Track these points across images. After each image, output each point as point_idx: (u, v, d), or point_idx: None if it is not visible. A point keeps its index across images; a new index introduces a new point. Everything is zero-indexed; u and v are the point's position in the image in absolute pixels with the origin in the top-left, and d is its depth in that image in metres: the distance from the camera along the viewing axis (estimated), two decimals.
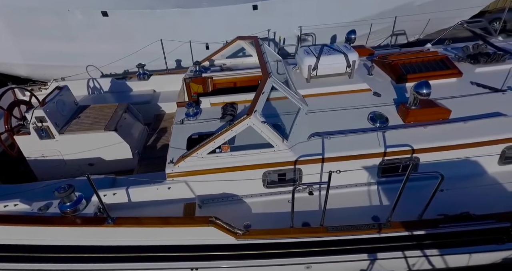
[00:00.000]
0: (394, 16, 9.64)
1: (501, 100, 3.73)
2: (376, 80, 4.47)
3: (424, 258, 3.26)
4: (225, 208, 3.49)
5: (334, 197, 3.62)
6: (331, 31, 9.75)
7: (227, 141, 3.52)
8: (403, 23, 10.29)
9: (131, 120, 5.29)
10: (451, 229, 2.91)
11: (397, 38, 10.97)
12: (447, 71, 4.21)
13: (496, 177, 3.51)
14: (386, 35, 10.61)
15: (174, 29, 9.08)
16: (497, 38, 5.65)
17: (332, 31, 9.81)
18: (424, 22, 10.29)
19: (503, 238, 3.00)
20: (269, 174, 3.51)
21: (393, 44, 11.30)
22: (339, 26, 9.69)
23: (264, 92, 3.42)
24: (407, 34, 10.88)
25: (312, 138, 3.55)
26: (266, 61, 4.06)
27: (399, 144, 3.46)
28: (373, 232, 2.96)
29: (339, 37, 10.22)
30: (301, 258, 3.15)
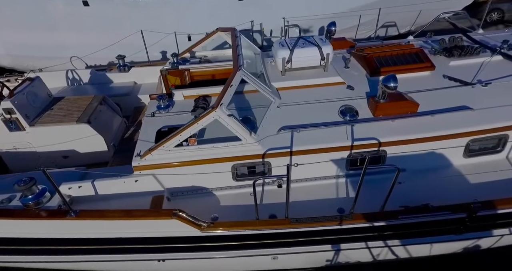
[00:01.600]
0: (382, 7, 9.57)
1: (469, 93, 3.76)
2: (352, 73, 4.46)
3: (387, 249, 3.34)
4: (194, 201, 3.51)
5: (303, 190, 3.67)
6: (318, 23, 9.66)
7: (197, 133, 3.53)
8: (393, 14, 10.21)
9: (108, 112, 5.24)
10: (410, 220, 2.98)
11: (388, 30, 10.91)
12: (420, 65, 4.22)
13: (460, 169, 3.58)
14: (376, 27, 10.54)
15: (158, 20, 8.91)
16: (478, 30, 5.65)
17: (319, 23, 9.72)
18: (415, 13, 10.21)
19: (460, 229, 3.09)
20: (238, 167, 3.53)
21: (383, 36, 11.27)
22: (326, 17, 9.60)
23: (233, 85, 3.40)
24: (397, 26, 10.80)
25: (281, 131, 3.56)
26: (239, 54, 4.02)
27: (366, 137, 3.49)
28: (335, 224, 3.02)
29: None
30: (267, 250, 3.22)
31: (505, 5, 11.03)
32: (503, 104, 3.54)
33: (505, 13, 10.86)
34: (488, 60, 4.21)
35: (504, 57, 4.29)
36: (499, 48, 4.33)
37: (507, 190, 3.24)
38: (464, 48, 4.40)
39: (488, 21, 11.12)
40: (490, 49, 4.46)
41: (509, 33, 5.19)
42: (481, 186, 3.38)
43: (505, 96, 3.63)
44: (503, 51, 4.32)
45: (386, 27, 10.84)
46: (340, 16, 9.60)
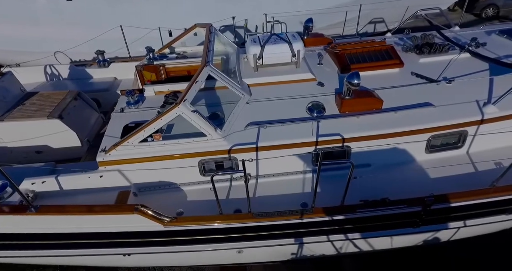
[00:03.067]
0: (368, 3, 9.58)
1: (434, 90, 3.84)
2: (324, 70, 4.51)
3: (349, 242, 3.44)
4: (161, 196, 3.56)
5: (270, 185, 3.74)
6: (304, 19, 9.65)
7: (164, 129, 3.56)
8: (381, 10, 10.24)
9: (83, 107, 5.21)
10: (368, 214, 3.07)
11: (376, 26, 10.94)
12: (389, 62, 4.28)
13: (423, 164, 3.67)
14: (364, 23, 10.56)
15: (142, 15, 8.84)
16: (454, 28, 5.72)
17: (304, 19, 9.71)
18: (403, 9, 10.25)
19: (417, 222, 3.19)
20: (206, 163, 3.58)
21: (372, 32, 11.30)
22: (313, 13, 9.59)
23: (198, 81, 3.42)
24: (386, 22, 10.84)
25: (248, 127, 3.61)
26: (209, 50, 4.03)
27: (331, 133, 3.56)
28: (296, 218, 3.09)
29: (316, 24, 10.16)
30: (231, 243, 3.28)
31: (500, 1, 11.00)
32: (463, 101, 3.63)
33: (500, 8, 10.89)
34: (455, 58, 4.29)
35: (471, 54, 4.38)
36: (467, 46, 4.41)
37: (465, 184, 3.34)
38: (433, 46, 4.47)
39: (483, 17, 11.14)
40: (460, 47, 4.54)
41: (482, 31, 5.28)
42: (440, 180, 3.48)
43: (467, 93, 3.72)
44: (470, 49, 4.40)
45: (374, 23, 10.88)
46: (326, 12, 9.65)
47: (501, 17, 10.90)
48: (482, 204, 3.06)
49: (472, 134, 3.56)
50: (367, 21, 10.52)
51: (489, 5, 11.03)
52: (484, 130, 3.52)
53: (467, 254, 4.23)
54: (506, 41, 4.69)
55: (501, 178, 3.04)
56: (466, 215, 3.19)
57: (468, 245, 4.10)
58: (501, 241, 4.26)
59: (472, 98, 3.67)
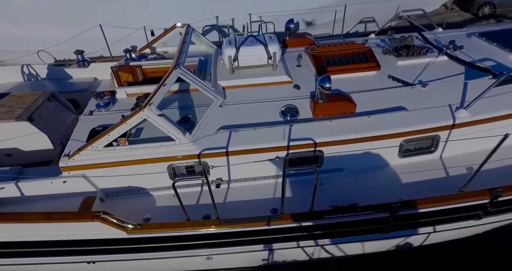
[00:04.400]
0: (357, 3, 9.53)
1: (408, 94, 3.80)
2: (302, 72, 4.45)
3: (320, 247, 3.40)
4: (129, 201, 3.47)
5: (241, 189, 3.68)
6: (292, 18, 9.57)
7: (132, 133, 3.47)
8: (372, 10, 10.20)
9: (57, 109, 5.07)
10: (335, 220, 3.03)
11: (367, 25, 10.91)
12: (366, 65, 4.23)
13: (396, 169, 3.64)
14: (354, 23, 10.52)
15: (126, 14, 8.69)
16: (437, 29, 5.70)
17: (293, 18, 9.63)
18: (393, 9, 10.23)
19: (386, 228, 3.16)
20: (176, 167, 3.50)
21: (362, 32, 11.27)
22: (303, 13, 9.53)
23: (166, 84, 3.33)
24: (376, 22, 10.82)
25: (220, 131, 3.54)
26: (182, 52, 3.94)
27: (304, 137, 3.51)
28: (263, 224, 3.04)
29: (301, 25, 10.10)
30: (198, 250, 3.22)
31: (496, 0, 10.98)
32: (436, 105, 3.60)
33: (496, 7, 10.84)
34: (432, 61, 4.26)
35: (449, 57, 4.36)
36: (445, 49, 4.39)
37: (437, 189, 3.32)
38: (411, 48, 4.44)
39: (480, 16, 11.12)
40: (438, 49, 4.52)
41: (464, 33, 5.26)
42: (413, 185, 3.46)
43: (441, 97, 3.69)
44: (448, 52, 4.38)
45: (365, 23, 10.84)
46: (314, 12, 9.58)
47: (498, 16, 10.90)
48: (450, 209, 3.04)
49: (445, 139, 3.55)
50: (357, 20, 10.49)
51: (486, 3, 10.97)
52: (456, 135, 3.50)
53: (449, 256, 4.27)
54: (484, 44, 4.68)
55: (469, 183, 3.03)
56: (435, 220, 3.18)
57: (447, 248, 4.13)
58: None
59: (445, 102, 3.64)
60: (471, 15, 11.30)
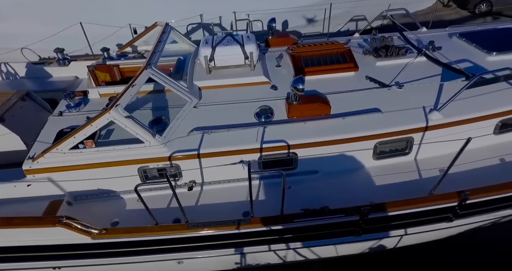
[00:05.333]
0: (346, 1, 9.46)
1: (384, 95, 3.77)
2: (281, 72, 4.39)
3: (293, 250, 3.37)
4: (99, 204, 3.40)
5: (215, 192, 3.62)
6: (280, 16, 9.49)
7: (102, 134, 3.39)
8: (362, 8, 10.14)
9: (32, 108, 4.95)
10: (305, 223, 3.00)
11: (358, 23, 10.86)
12: (344, 65, 4.19)
13: (370, 171, 3.62)
14: (345, 21, 10.45)
15: (111, 12, 8.54)
16: (422, 29, 5.67)
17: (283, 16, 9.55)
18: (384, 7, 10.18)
19: (358, 231, 3.14)
20: (147, 170, 3.43)
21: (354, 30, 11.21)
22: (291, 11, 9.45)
23: (136, 85, 3.25)
24: (368, 20, 10.79)
25: (192, 133, 3.47)
26: (156, 51, 3.86)
27: (276, 139, 3.46)
28: (233, 228, 2.99)
29: (291, 23, 10.02)
30: (167, 254, 3.16)
31: None
32: (411, 107, 3.57)
33: (493, 5, 10.79)
34: (411, 62, 4.24)
35: (427, 58, 4.34)
36: (424, 50, 4.37)
37: (410, 191, 3.30)
38: (389, 49, 4.40)
39: (476, 13, 11.07)
40: (418, 50, 4.49)
41: (446, 33, 5.24)
42: (386, 187, 3.43)
43: (416, 98, 3.66)
44: (427, 53, 4.36)
45: (355, 21, 10.79)
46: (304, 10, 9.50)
47: (495, 13, 10.85)
48: (420, 212, 3.03)
49: (418, 141, 3.53)
50: (347, 19, 10.43)
51: (483, 1, 10.91)
52: (430, 137, 3.48)
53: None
54: (464, 45, 4.67)
55: (438, 186, 3.01)
56: (406, 223, 3.16)
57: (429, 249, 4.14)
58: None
59: (420, 104, 3.61)
60: (468, 13, 11.22)
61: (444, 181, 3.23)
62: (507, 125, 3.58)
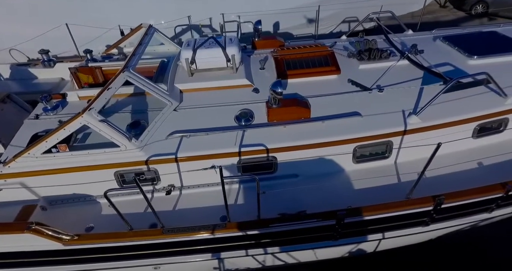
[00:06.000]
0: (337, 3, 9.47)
1: (365, 99, 3.76)
2: (264, 75, 4.37)
3: (271, 255, 3.34)
4: (74, 209, 3.35)
5: (193, 196, 3.59)
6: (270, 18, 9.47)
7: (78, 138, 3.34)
8: (355, 9, 10.14)
9: (13, 111, 4.87)
10: (283, 228, 2.97)
11: (350, 25, 10.88)
12: (326, 68, 4.18)
13: (350, 175, 3.60)
14: (337, 22, 10.46)
15: (102, 13, 8.48)
16: (408, 31, 5.67)
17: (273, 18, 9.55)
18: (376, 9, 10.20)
19: (335, 235, 3.12)
20: (125, 174, 3.39)
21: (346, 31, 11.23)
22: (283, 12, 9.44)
23: (111, 88, 3.20)
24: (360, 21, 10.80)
25: (170, 136, 3.43)
26: (136, 54, 3.81)
27: (256, 143, 3.44)
28: (208, 233, 2.96)
29: (282, 24, 10.01)
30: (142, 260, 3.12)
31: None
32: (391, 111, 3.57)
33: (489, 6, 10.77)
34: (393, 65, 4.24)
35: (410, 61, 4.34)
36: (406, 53, 4.37)
37: (389, 195, 3.28)
38: (372, 52, 4.40)
39: (473, 14, 11.06)
40: (401, 53, 4.50)
41: (431, 36, 5.25)
42: (365, 191, 3.42)
43: (396, 102, 3.65)
44: (409, 56, 4.36)
45: (348, 22, 10.81)
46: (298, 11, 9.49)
47: (491, 14, 10.87)
48: (397, 216, 3.02)
49: (397, 145, 3.53)
50: (340, 20, 10.44)
51: (479, 2, 10.92)
52: (409, 141, 3.48)
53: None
54: (447, 48, 4.68)
55: (413, 190, 3.01)
56: (383, 227, 3.15)
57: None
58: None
59: (400, 108, 3.61)
60: (464, 14, 11.26)
61: (422, 185, 3.23)
62: (485, 129, 3.60)
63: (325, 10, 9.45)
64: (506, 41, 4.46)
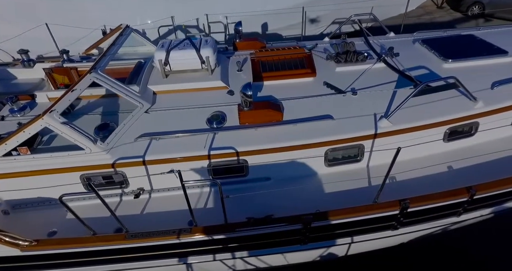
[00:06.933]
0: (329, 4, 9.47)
1: (338, 102, 3.74)
2: (241, 77, 4.33)
3: (241, 260, 3.29)
4: (38, 213, 3.28)
5: (162, 200, 3.53)
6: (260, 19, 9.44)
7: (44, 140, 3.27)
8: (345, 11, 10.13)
9: None
10: (249, 232, 2.93)
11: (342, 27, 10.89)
12: (302, 71, 4.15)
13: (322, 178, 3.57)
14: (327, 23, 10.47)
15: (84, 13, 8.40)
16: (389, 34, 5.68)
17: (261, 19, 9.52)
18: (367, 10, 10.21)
19: (303, 239, 3.08)
20: (92, 177, 3.32)
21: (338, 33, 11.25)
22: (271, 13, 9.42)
23: (76, 89, 3.14)
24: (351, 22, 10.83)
25: (139, 139, 3.37)
26: (107, 54, 3.76)
27: (226, 146, 3.39)
28: (173, 238, 2.91)
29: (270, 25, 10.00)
30: (106, 265, 3.06)
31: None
32: (363, 114, 3.55)
33: (485, 7, 10.77)
34: (369, 68, 4.23)
35: (386, 64, 4.34)
36: (383, 56, 4.36)
37: (360, 199, 3.25)
38: (348, 54, 4.39)
39: (469, 15, 11.06)
40: (379, 56, 4.49)
41: (411, 39, 5.26)
42: (336, 195, 3.39)
43: (369, 105, 3.64)
44: (386, 59, 4.35)
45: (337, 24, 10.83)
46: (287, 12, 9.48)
47: (487, 15, 10.90)
48: (364, 220, 2.99)
49: (369, 148, 3.51)
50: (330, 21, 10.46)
51: (475, 3, 10.94)
52: (380, 145, 3.46)
53: None
54: (424, 51, 4.68)
55: (380, 194, 2.99)
56: (352, 231, 3.12)
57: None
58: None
59: (372, 111, 3.59)
60: (461, 15, 11.30)
61: (393, 189, 3.21)
62: (456, 133, 3.60)
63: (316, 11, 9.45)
64: (482, 45, 4.48)
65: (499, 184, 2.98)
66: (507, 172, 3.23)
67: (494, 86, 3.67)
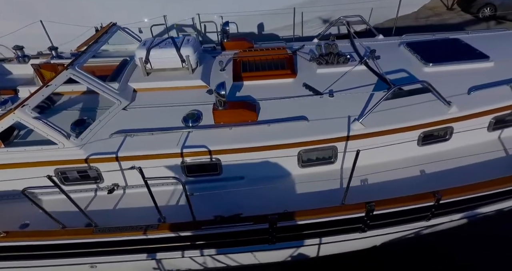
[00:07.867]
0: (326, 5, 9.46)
1: (315, 103, 3.74)
2: (223, 76, 4.36)
3: (210, 257, 3.32)
4: (12, 206, 3.34)
5: (136, 196, 3.57)
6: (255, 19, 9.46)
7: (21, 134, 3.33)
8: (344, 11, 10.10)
9: None
10: (215, 230, 2.96)
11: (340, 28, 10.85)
12: (281, 71, 4.17)
13: (295, 178, 3.59)
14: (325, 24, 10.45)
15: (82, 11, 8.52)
16: (378, 36, 5.66)
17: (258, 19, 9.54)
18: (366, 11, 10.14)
19: (271, 239, 3.10)
20: (67, 172, 3.37)
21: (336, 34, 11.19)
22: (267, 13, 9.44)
23: (51, 85, 3.20)
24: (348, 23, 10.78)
25: (114, 135, 3.42)
26: (87, 52, 3.82)
27: (200, 144, 3.43)
28: (140, 234, 2.95)
29: (267, 26, 10.02)
30: (78, 259, 3.11)
31: (497, 0, 10.47)
32: (338, 116, 3.55)
33: (497, 9, 10.45)
34: (349, 70, 4.23)
35: (367, 67, 4.33)
36: (364, 58, 4.34)
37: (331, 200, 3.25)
38: (330, 56, 4.38)
39: (480, 17, 10.78)
40: (360, 58, 4.48)
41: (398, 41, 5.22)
42: (307, 195, 3.40)
43: (344, 107, 3.64)
44: (367, 61, 4.34)
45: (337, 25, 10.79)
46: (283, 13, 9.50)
47: (499, 17, 10.62)
48: (330, 222, 3.00)
49: (342, 150, 3.51)
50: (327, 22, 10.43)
51: (487, 4, 10.63)
52: (353, 147, 3.46)
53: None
54: (407, 54, 4.65)
55: (346, 196, 2.99)
56: (320, 232, 3.13)
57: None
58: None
59: (347, 113, 3.59)
60: (471, 17, 10.96)
61: (364, 191, 3.21)
62: (430, 137, 3.59)
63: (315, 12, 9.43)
64: (466, 49, 4.45)
65: (466, 189, 2.97)
66: (479, 177, 3.21)
67: (471, 91, 3.65)
